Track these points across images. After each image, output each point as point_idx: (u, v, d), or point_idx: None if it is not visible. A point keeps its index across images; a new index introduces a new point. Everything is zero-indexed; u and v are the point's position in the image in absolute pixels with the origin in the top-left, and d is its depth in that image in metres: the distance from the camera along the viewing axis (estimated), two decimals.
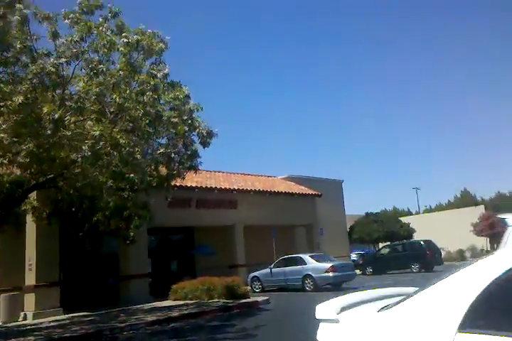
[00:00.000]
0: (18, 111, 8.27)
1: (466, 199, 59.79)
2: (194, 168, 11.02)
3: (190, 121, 10.37)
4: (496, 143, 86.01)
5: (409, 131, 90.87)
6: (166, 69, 9.00)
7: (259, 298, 13.10)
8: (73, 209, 12.31)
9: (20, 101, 7.82)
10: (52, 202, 12.89)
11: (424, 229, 32.45)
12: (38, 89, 8.24)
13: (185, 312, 11.48)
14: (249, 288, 14.25)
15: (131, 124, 8.66)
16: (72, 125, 8.46)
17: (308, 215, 24.65)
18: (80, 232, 13.20)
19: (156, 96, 8.68)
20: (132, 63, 8.61)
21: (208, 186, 19.95)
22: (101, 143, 7.87)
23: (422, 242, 23.40)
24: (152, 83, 8.58)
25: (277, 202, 22.81)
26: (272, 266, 17.53)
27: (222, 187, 20.61)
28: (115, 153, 8.20)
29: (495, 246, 37.94)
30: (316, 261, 16.28)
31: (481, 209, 42.98)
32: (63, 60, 8.29)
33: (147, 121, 8.72)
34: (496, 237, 37.28)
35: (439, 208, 62.22)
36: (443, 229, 34.86)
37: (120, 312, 12.93)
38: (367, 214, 32.60)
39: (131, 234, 13.34)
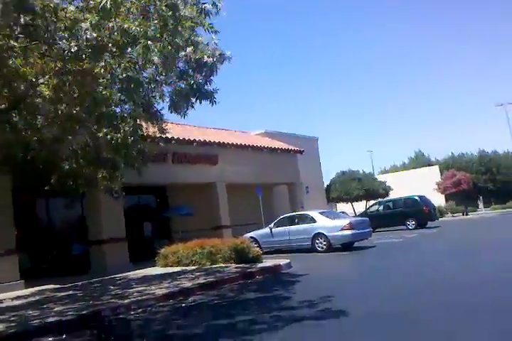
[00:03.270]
0: None
1: (420, 161, 60.59)
2: (211, 95, 7.52)
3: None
4: (448, 104, 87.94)
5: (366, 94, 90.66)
6: None
7: (281, 261, 10.72)
8: (28, 157, 9.08)
9: None
10: (3, 145, 9.49)
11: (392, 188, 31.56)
12: None
13: (200, 281, 8.87)
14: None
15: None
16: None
17: (291, 173, 22.71)
18: (45, 186, 10.09)
19: None
20: None
21: (186, 138, 17.12)
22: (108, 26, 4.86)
23: (417, 198, 21.91)
24: None
25: (260, 158, 20.64)
26: (272, 225, 15.29)
27: (202, 140, 17.88)
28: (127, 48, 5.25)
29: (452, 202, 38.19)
30: (327, 218, 14.14)
31: (435, 169, 44.00)
32: None
33: (165, 4, 5.64)
34: (460, 195, 37.45)
35: (394, 169, 62.60)
36: (407, 188, 34.33)
37: (104, 284, 10.21)
38: (343, 172, 30.97)
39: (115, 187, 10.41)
